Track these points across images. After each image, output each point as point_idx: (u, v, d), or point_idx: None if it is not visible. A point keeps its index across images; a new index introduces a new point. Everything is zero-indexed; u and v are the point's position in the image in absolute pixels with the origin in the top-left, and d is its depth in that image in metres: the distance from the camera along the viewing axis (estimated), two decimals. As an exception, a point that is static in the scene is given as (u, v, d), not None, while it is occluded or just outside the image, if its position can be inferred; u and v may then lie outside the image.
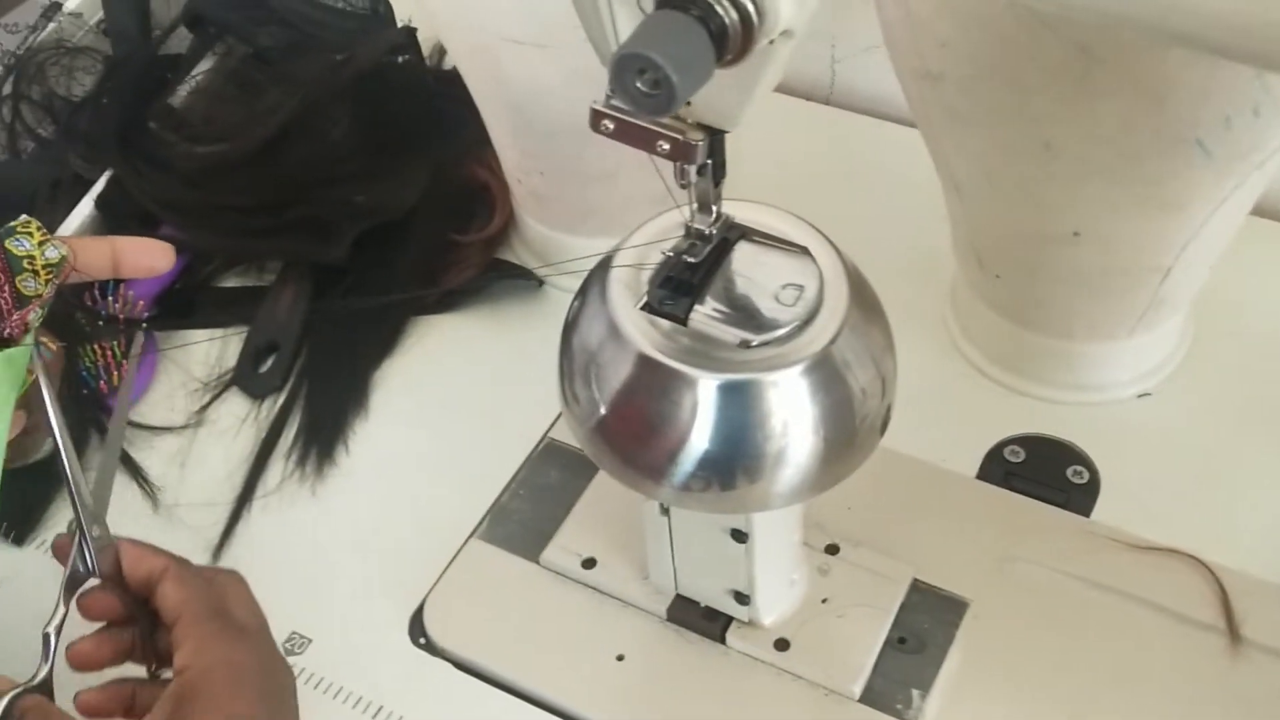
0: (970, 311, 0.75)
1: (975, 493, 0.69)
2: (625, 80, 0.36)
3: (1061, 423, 0.72)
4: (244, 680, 0.50)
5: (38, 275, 0.49)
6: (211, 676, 0.49)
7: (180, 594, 0.51)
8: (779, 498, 0.52)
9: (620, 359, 0.50)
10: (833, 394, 0.50)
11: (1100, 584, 0.64)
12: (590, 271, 0.54)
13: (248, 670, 0.50)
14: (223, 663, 0.50)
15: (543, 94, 0.70)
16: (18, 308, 0.49)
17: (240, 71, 0.91)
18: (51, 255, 0.49)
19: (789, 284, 0.51)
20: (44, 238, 0.50)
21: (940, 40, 0.58)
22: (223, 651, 0.50)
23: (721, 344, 0.50)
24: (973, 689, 0.61)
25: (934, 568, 0.65)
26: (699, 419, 0.49)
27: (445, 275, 0.82)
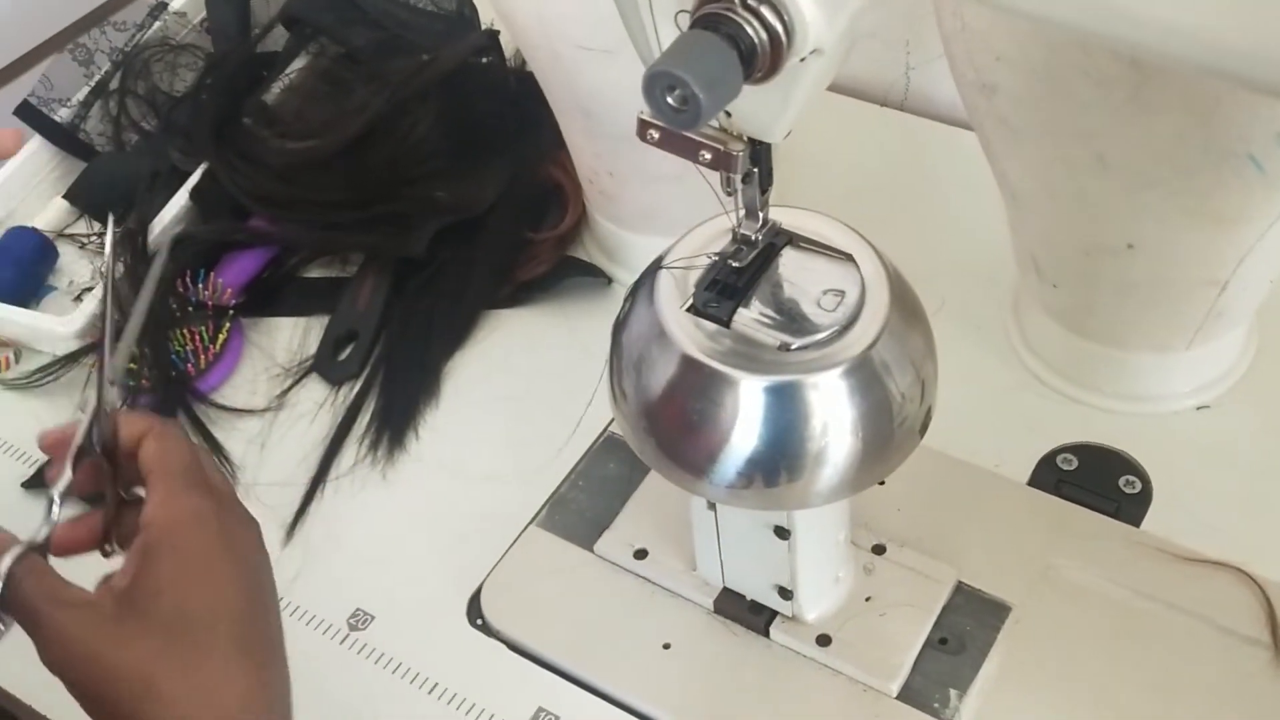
0: (1030, 319, 0.76)
1: (1025, 498, 0.70)
2: (656, 96, 0.38)
3: (1117, 432, 0.72)
4: (209, 531, 0.49)
5: None
6: (177, 528, 0.49)
7: (158, 449, 0.51)
8: (818, 496, 0.54)
9: (665, 359, 0.52)
10: (871, 396, 0.52)
11: (1145, 594, 0.65)
12: (641, 273, 0.56)
13: (213, 522, 0.50)
14: (190, 514, 0.49)
15: (612, 98, 0.73)
16: None
17: (332, 70, 0.95)
18: None
19: (831, 289, 0.53)
20: None
21: (995, 53, 0.59)
22: (191, 503, 0.50)
23: (763, 346, 0.52)
24: (1011, 692, 0.62)
25: (979, 571, 0.66)
26: (739, 419, 0.51)
27: (518, 271, 0.85)
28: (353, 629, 0.69)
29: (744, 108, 0.45)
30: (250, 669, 0.48)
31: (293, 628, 0.69)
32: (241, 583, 0.49)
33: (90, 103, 0.96)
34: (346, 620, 0.69)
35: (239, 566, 0.50)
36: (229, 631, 0.48)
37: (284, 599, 0.70)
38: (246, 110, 0.92)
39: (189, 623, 0.47)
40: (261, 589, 0.51)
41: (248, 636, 0.48)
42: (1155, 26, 0.36)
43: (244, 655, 0.48)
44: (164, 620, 0.47)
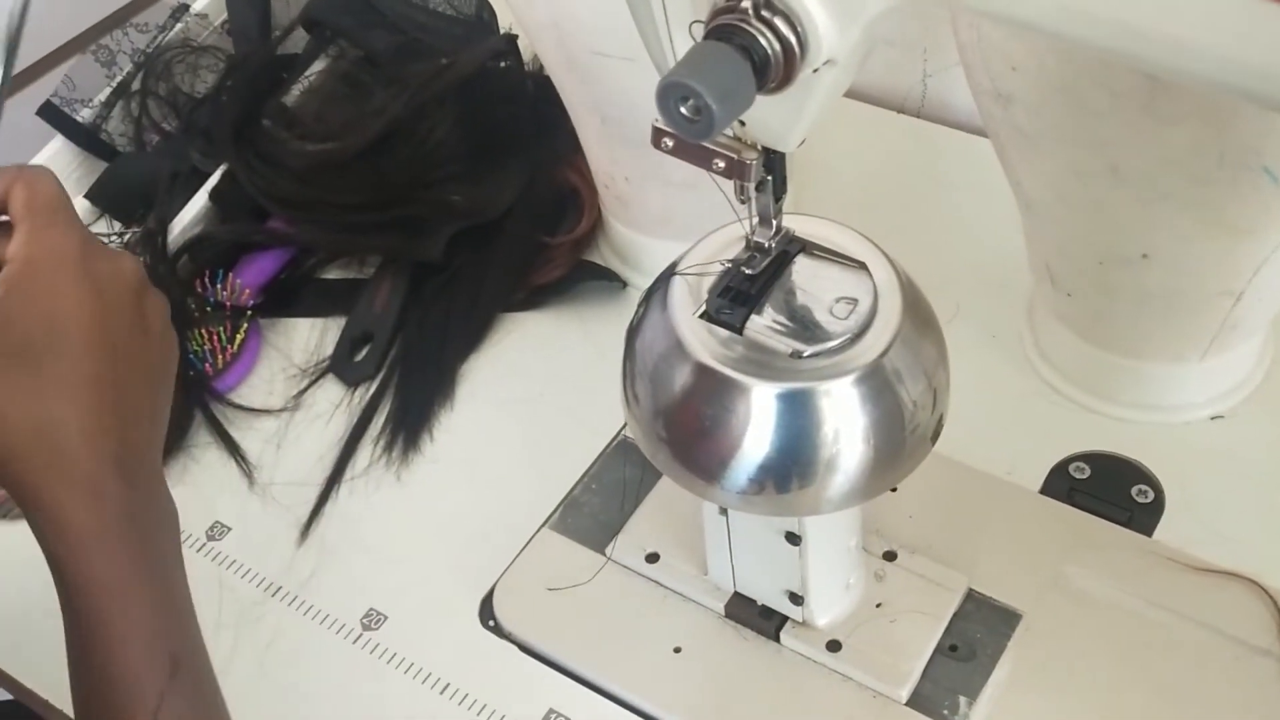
0: (1045, 328, 0.76)
1: (1037, 506, 0.70)
2: (670, 106, 0.38)
3: (1130, 442, 0.72)
4: (65, 265, 0.48)
5: None
6: (32, 262, 0.48)
7: (24, 193, 0.49)
8: (830, 503, 0.54)
9: (678, 365, 0.53)
10: (883, 404, 0.52)
11: (1156, 603, 0.65)
12: (655, 279, 0.56)
13: (70, 256, 0.48)
14: (47, 250, 0.48)
15: (629, 104, 0.73)
16: None
17: (351, 73, 0.96)
18: None
19: (843, 298, 0.53)
20: None
21: (1011, 63, 0.59)
22: (50, 239, 0.48)
23: (775, 354, 0.52)
24: (1020, 700, 0.62)
25: (990, 578, 0.66)
26: (751, 425, 0.52)
27: (534, 274, 0.86)
28: (366, 629, 0.69)
29: (758, 117, 0.45)
30: (90, 389, 0.47)
31: (306, 627, 0.70)
32: (93, 308, 0.48)
33: (112, 103, 0.97)
34: (360, 620, 0.70)
35: (94, 300, 0.48)
36: (73, 354, 0.47)
37: (298, 598, 0.71)
38: (266, 112, 0.93)
39: (32, 348, 0.47)
40: (117, 317, 0.49)
41: (94, 361, 0.48)
42: (1169, 44, 0.36)
43: (85, 385, 0.47)
44: (10, 347, 0.47)
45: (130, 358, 0.49)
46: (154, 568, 0.48)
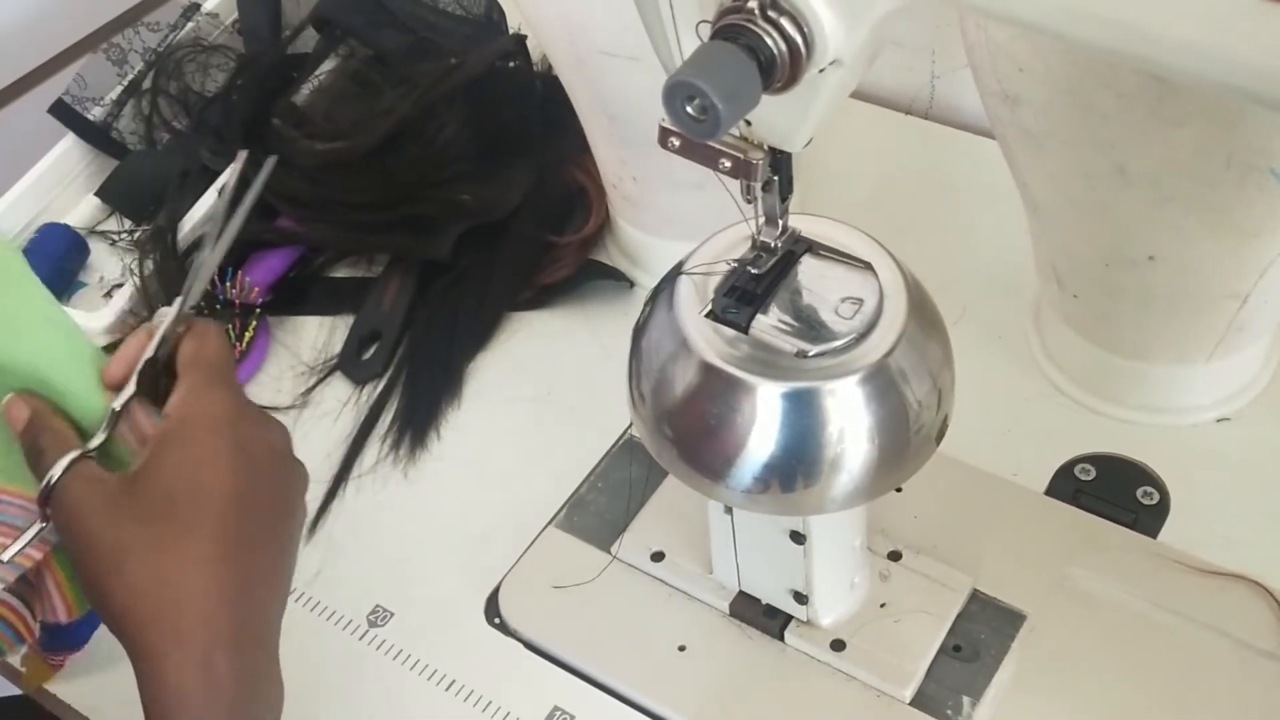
0: (1051, 330, 0.76)
1: (1042, 508, 0.70)
2: (676, 105, 0.39)
3: (1136, 443, 0.72)
4: (220, 426, 0.50)
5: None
6: (191, 421, 0.50)
7: (193, 345, 0.52)
8: (834, 502, 0.54)
9: (684, 364, 0.53)
10: (888, 404, 0.52)
11: (1161, 605, 0.65)
12: (661, 278, 0.56)
13: (227, 418, 0.50)
14: (207, 409, 0.50)
15: (637, 104, 0.73)
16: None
17: (361, 72, 0.96)
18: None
19: (849, 298, 0.54)
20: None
21: (1018, 65, 0.60)
22: (211, 398, 0.50)
23: (780, 353, 0.52)
24: (1024, 700, 0.62)
25: (994, 579, 0.66)
26: (756, 424, 0.52)
27: (541, 273, 0.86)
28: (372, 625, 0.70)
29: (764, 117, 0.45)
30: (220, 562, 0.48)
31: (313, 623, 0.70)
32: (237, 479, 0.49)
33: (123, 102, 0.97)
34: (366, 616, 0.70)
35: (241, 471, 0.49)
36: (210, 523, 0.48)
37: (305, 595, 0.71)
38: (276, 111, 0.93)
39: (174, 509, 0.48)
40: (259, 489, 0.50)
41: (230, 532, 0.48)
42: (1173, 46, 0.37)
43: (216, 557, 0.48)
44: (153, 505, 0.48)
45: (265, 531, 0.50)
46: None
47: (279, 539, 0.51)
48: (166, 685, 0.46)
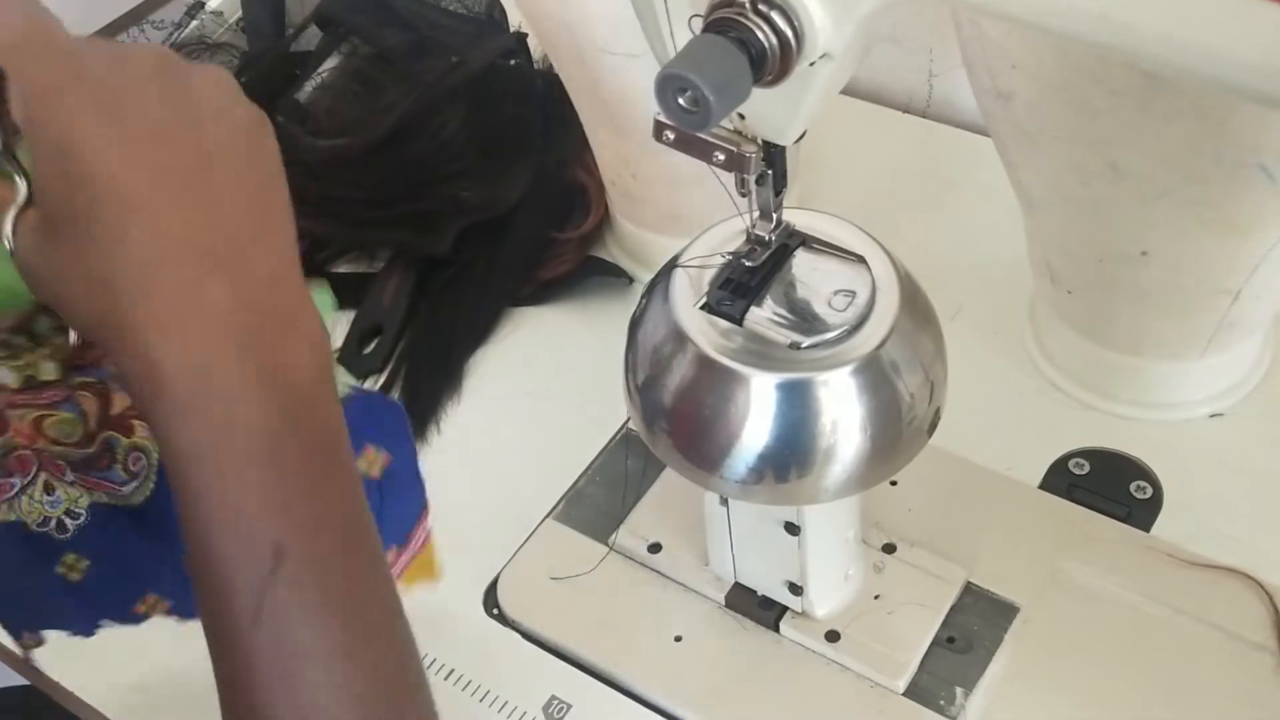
0: (1046, 326, 0.77)
1: (1036, 501, 0.70)
2: (668, 98, 0.39)
3: (1129, 438, 0.73)
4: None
5: None
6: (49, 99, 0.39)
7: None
8: (827, 492, 0.55)
9: (679, 356, 0.54)
10: (880, 395, 0.53)
11: (1153, 598, 0.65)
12: (657, 272, 0.57)
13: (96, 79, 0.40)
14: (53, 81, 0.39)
15: (635, 101, 0.74)
16: None
17: (363, 70, 0.97)
18: None
19: (842, 290, 0.54)
20: None
21: (1011, 61, 0.60)
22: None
23: (774, 345, 0.53)
24: (1017, 691, 0.63)
25: (988, 572, 0.67)
26: (751, 415, 0.53)
27: (541, 269, 0.87)
28: (372, 616, 0.70)
29: (756, 111, 0.46)
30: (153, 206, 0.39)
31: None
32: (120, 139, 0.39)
33: (128, 99, 0.98)
34: (366, 607, 0.71)
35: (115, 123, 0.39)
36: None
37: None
38: (280, 108, 0.94)
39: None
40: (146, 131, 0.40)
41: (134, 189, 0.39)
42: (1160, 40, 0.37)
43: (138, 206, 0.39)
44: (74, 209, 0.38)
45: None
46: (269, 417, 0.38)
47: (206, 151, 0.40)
48: (149, 359, 0.38)
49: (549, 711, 0.65)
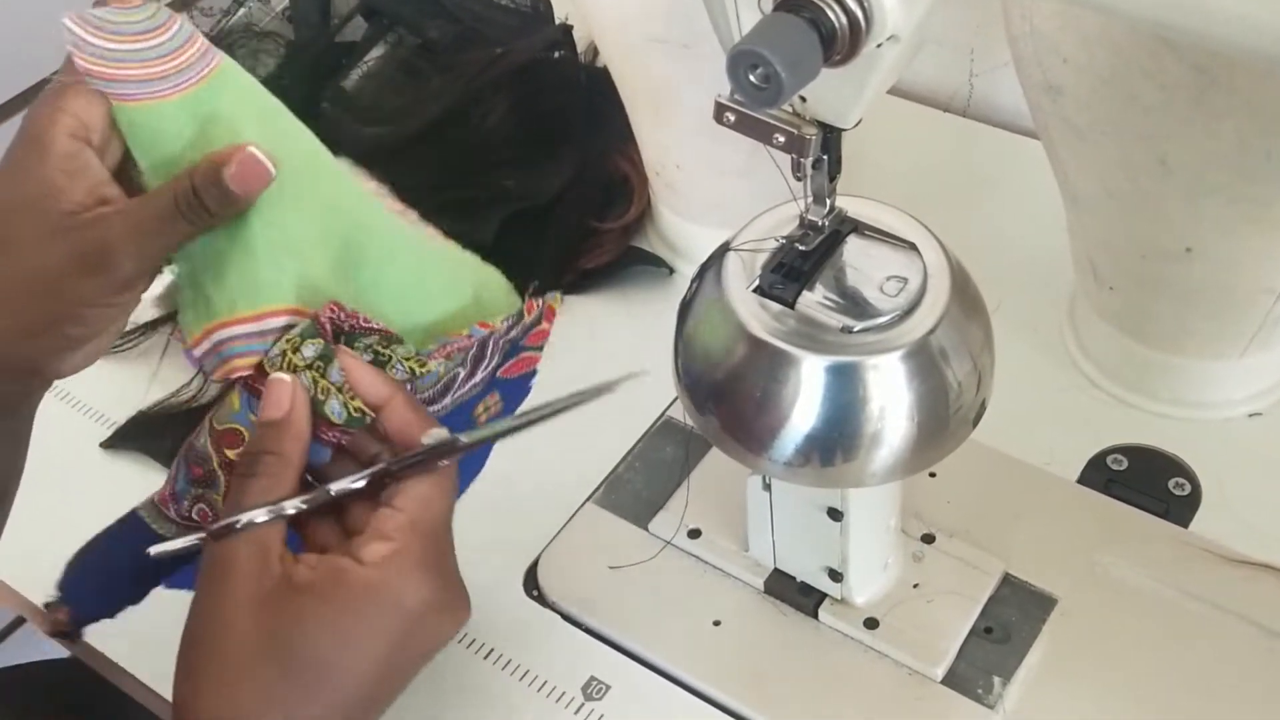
0: (1086, 323, 0.77)
1: (1074, 496, 0.71)
2: (739, 74, 0.40)
3: (1168, 436, 0.73)
4: (404, 622, 0.49)
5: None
6: (380, 598, 0.48)
7: (420, 499, 0.51)
8: (873, 476, 0.55)
9: (730, 337, 0.54)
10: (929, 381, 0.53)
11: (1191, 593, 0.66)
12: (710, 255, 0.58)
13: (415, 617, 0.49)
14: (398, 597, 0.49)
15: (685, 90, 0.75)
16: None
17: (408, 60, 0.98)
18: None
19: (893, 276, 0.55)
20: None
21: (1062, 56, 0.61)
22: (412, 585, 0.49)
23: (825, 328, 0.53)
24: (1054, 682, 0.63)
25: (1027, 564, 0.67)
26: (800, 397, 0.53)
27: (583, 259, 0.87)
28: (413, 594, 0.71)
29: (819, 93, 0.47)
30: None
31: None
32: (390, 673, 0.49)
33: (176, 84, 0.99)
34: (407, 586, 0.71)
35: (404, 660, 0.50)
36: (335, 708, 0.47)
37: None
38: (325, 96, 0.95)
39: (309, 676, 0.47)
40: (406, 671, 0.51)
41: (348, 713, 0.48)
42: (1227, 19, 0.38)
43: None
44: (294, 649, 0.47)
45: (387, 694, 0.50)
46: None
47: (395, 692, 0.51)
48: None
49: (587, 691, 0.66)
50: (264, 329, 0.52)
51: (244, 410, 0.52)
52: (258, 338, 0.52)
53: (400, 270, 0.58)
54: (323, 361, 0.52)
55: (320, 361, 0.52)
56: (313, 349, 0.52)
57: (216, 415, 0.54)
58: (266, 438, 0.50)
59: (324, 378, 0.52)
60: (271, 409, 0.51)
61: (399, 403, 0.53)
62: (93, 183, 0.50)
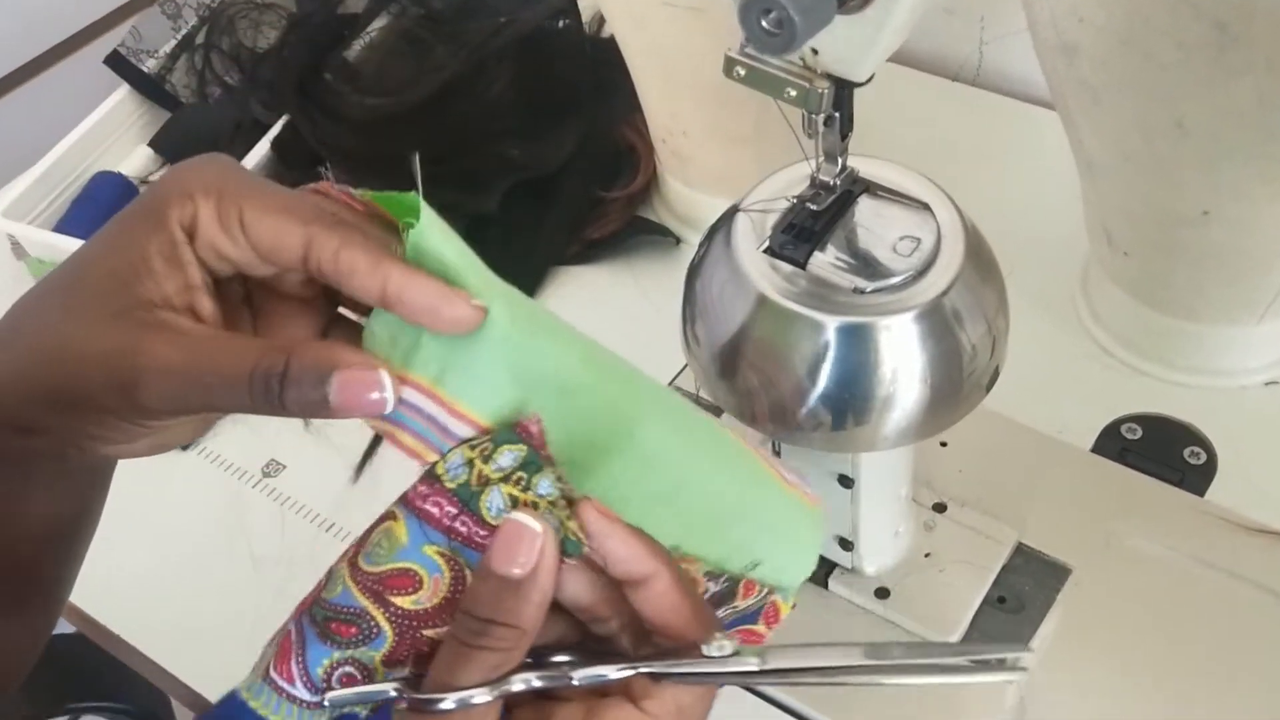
0: (1099, 291, 0.76)
1: (1088, 464, 0.70)
2: (751, 19, 0.39)
3: (1183, 405, 0.72)
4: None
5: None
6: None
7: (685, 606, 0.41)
8: (884, 440, 0.54)
9: (740, 299, 0.53)
10: (942, 344, 0.52)
11: (1207, 562, 0.65)
12: (718, 218, 0.57)
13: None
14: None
15: (693, 57, 0.74)
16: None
17: (411, 31, 0.97)
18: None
19: (906, 236, 0.54)
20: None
21: (1079, 15, 0.60)
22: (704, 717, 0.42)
23: (837, 289, 0.52)
24: (1068, 652, 0.62)
25: (1040, 533, 0.66)
26: (812, 359, 0.52)
27: (588, 229, 0.86)
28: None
29: (831, 45, 0.46)
30: None
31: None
32: None
33: (177, 55, 0.98)
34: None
35: None
36: None
37: (345, 531, 0.72)
38: (328, 67, 0.94)
39: None
40: None
41: None
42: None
43: None
44: None
45: None
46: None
47: None
48: None
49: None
50: (448, 426, 0.41)
51: (418, 541, 0.40)
52: (437, 428, 0.41)
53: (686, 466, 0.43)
54: (525, 472, 0.40)
55: (521, 473, 0.40)
56: (511, 457, 0.40)
57: (366, 553, 0.41)
58: (503, 602, 0.38)
59: (528, 492, 0.40)
60: (510, 562, 0.39)
61: (668, 580, 0.41)
62: (189, 283, 0.40)
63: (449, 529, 0.40)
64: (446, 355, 0.41)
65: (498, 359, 0.41)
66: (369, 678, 0.41)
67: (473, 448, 0.40)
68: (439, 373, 0.41)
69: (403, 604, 0.40)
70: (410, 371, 0.40)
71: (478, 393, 0.41)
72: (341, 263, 0.40)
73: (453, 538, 0.40)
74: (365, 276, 0.40)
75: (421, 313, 0.40)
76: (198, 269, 0.41)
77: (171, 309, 0.40)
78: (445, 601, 0.40)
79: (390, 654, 0.40)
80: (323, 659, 0.41)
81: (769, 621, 0.46)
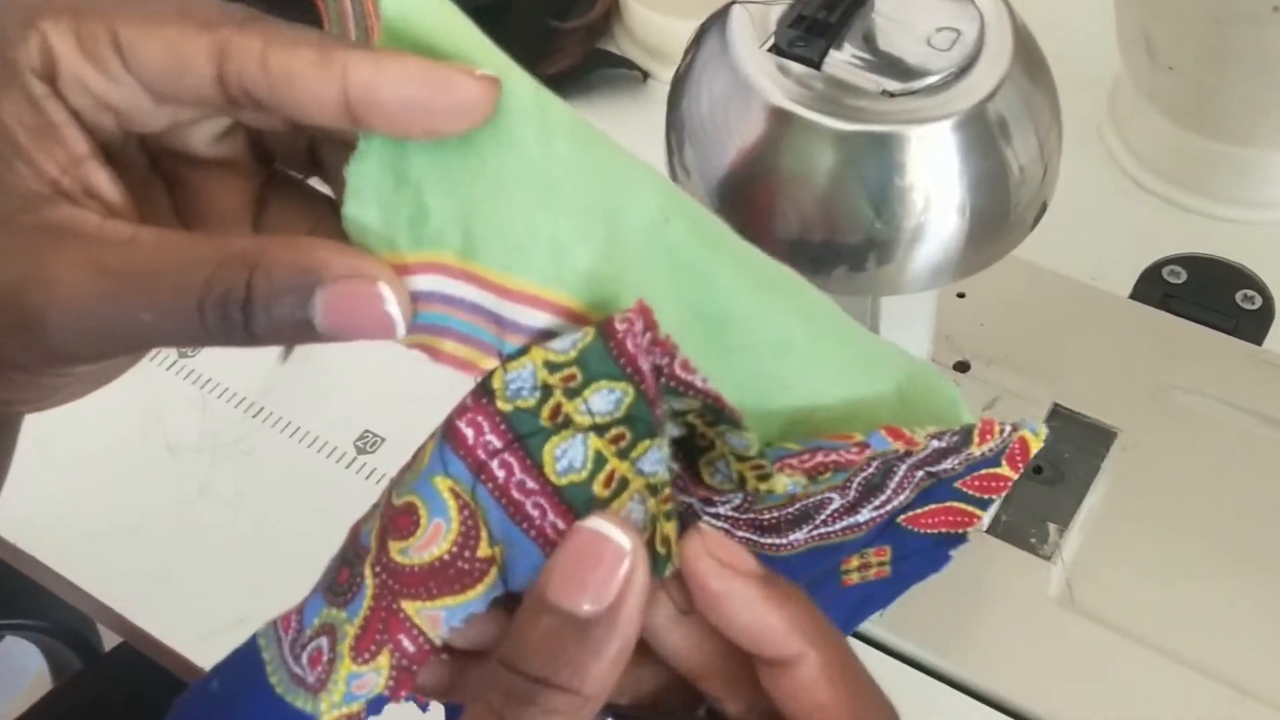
0: (1132, 116, 0.67)
1: (1128, 314, 0.61)
2: None
3: (1232, 243, 0.63)
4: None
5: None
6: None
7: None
8: (913, 282, 0.45)
9: (742, 109, 0.43)
10: (987, 160, 0.43)
11: (1270, 417, 0.56)
12: (707, 19, 0.46)
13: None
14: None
15: None
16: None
17: None
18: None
19: (944, 27, 0.44)
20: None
21: None
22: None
23: (860, 93, 0.42)
24: (1118, 525, 0.54)
25: (1078, 393, 0.58)
26: (830, 178, 0.42)
27: (543, 64, 0.76)
28: (360, 452, 0.61)
29: None
30: None
31: (293, 450, 0.61)
32: None
33: None
34: (353, 443, 0.61)
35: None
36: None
37: (283, 419, 0.62)
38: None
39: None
40: None
41: None
42: None
43: None
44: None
45: None
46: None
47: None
48: None
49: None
50: (503, 314, 0.28)
51: (433, 469, 0.28)
52: (488, 319, 0.28)
53: (783, 321, 0.32)
54: (629, 429, 0.28)
55: (624, 428, 0.28)
56: (610, 398, 0.27)
57: (397, 486, 0.29)
58: (563, 650, 0.26)
59: (625, 460, 0.28)
60: (579, 591, 0.26)
61: (817, 666, 0.28)
62: (72, 154, 0.29)
63: (480, 465, 0.27)
64: (466, 208, 0.28)
65: (545, 187, 0.28)
66: (330, 667, 0.29)
67: (552, 368, 0.27)
68: (464, 240, 0.28)
69: (391, 552, 0.28)
70: (423, 250, 0.28)
71: (533, 254, 0.28)
72: (274, 67, 0.27)
73: (482, 478, 0.27)
74: (313, 79, 0.27)
75: (409, 114, 0.27)
76: (77, 129, 0.29)
77: (64, 198, 0.28)
78: (437, 565, 0.28)
79: (361, 631, 0.28)
80: (314, 616, 0.30)
81: (1015, 463, 0.35)
